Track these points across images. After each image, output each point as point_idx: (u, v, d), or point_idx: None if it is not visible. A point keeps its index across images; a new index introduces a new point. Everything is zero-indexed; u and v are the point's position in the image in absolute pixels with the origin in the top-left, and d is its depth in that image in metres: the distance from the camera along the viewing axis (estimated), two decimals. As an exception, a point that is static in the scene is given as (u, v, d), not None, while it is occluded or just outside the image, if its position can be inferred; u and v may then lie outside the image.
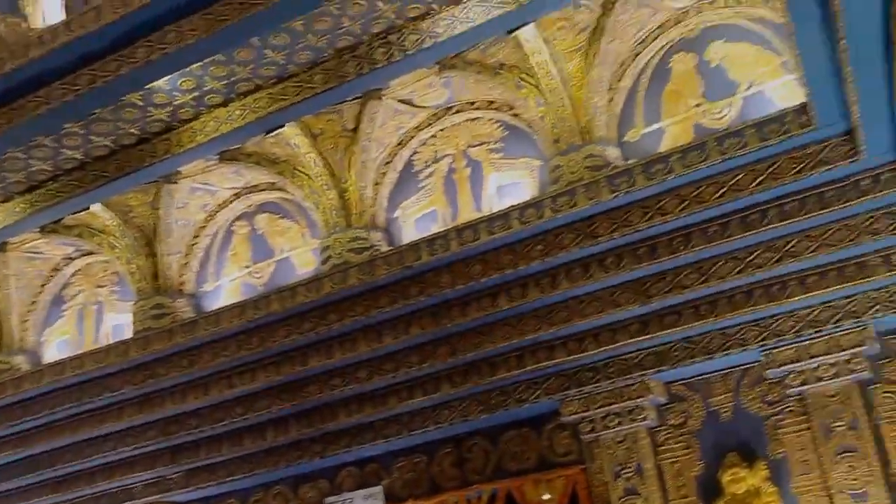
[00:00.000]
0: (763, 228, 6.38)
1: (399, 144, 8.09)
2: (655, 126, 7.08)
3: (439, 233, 7.25)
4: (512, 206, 6.94)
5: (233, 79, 6.54)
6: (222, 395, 8.38)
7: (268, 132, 7.18)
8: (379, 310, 7.43)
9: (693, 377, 7.97)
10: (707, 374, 7.90)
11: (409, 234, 7.94)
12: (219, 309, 8.30)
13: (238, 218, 9.04)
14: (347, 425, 8.59)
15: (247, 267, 8.84)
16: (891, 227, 6.23)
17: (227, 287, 8.93)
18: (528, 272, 7.07)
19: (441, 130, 8.02)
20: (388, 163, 8.12)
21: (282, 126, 7.19)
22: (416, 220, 7.99)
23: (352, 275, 7.38)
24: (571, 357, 7.62)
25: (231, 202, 8.93)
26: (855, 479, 7.01)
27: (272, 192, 8.74)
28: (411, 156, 8.16)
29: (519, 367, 7.81)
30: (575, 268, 7.02)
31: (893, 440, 7.11)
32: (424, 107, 7.82)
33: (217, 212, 8.98)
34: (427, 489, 8.95)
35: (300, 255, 8.58)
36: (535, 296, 7.15)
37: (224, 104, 6.85)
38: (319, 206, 8.03)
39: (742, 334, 7.33)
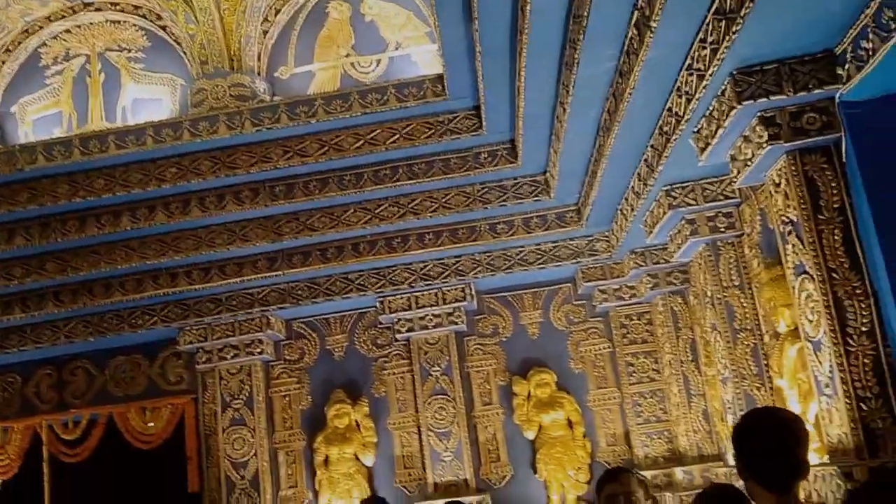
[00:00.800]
0: (392, 184, 6.75)
1: (24, 32, 7.18)
2: (306, 68, 7.11)
3: (62, 138, 6.61)
4: (148, 122, 6.55)
5: None
6: None
7: None
8: (-22, 213, 6.60)
9: (313, 316, 8.29)
10: (326, 314, 8.27)
11: (25, 133, 7.13)
12: None
13: None
14: (-76, 339, 7.60)
15: None
16: (499, 199, 6.95)
17: None
18: (158, 194, 6.77)
19: (77, 27, 7.26)
20: (8, 50, 7.18)
21: None
22: (36, 120, 7.18)
23: (-53, 170, 6.45)
24: (194, 286, 7.48)
25: None
26: (442, 419, 7.82)
27: None
28: (39, 48, 7.30)
29: (137, 292, 7.48)
30: (209, 196, 6.85)
31: (478, 386, 8.05)
32: (60, -4, 7.05)
33: None
34: (18, 410, 8.29)
35: None
36: (163, 220, 6.87)
37: None
38: (-85, 88, 6.90)
39: (362, 280, 7.75)
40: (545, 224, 7.22)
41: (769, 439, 2.11)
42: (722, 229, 5.74)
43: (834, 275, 4.08)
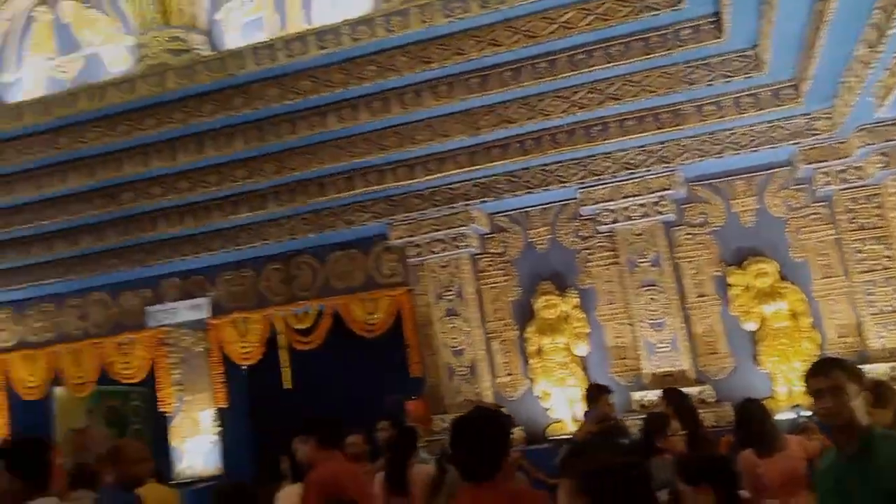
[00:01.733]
0: (589, 69, 6.42)
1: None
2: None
3: (266, 42, 6.80)
4: (344, 21, 6.58)
5: None
6: (30, 195, 7.87)
7: None
8: (200, 118, 7.04)
9: (514, 209, 8.27)
10: (527, 207, 8.23)
11: (233, 39, 7.42)
12: (20, 102, 7.59)
13: (39, 3, 8.10)
14: (168, 236, 8.41)
15: (51, 59, 8.02)
16: (706, 79, 6.42)
17: (29, 79, 8.09)
18: (359, 93, 6.88)
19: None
20: (208, -45, 7.47)
21: None
22: (243, 26, 7.42)
23: (170, 78, 6.89)
24: (400, 183, 7.67)
25: (30, -16, 8.01)
26: (655, 310, 7.62)
27: (77, -24, 7.86)
28: (235, -50, 7.53)
29: (348, 189, 7.80)
30: (407, 93, 6.89)
31: (690, 277, 7.72)
32: None
33: (13, -7, 8.05)
34: (254, 303, 9.07)
35: (112, 52, 7.83)
36: (366, 118, 7.01)
37: None
38: (131, -2, 7.37)
39: (562, 171, 7.58)
40: (758, 103, 6.61)
41: None
42: (968, 96, 4.95)
43: None
